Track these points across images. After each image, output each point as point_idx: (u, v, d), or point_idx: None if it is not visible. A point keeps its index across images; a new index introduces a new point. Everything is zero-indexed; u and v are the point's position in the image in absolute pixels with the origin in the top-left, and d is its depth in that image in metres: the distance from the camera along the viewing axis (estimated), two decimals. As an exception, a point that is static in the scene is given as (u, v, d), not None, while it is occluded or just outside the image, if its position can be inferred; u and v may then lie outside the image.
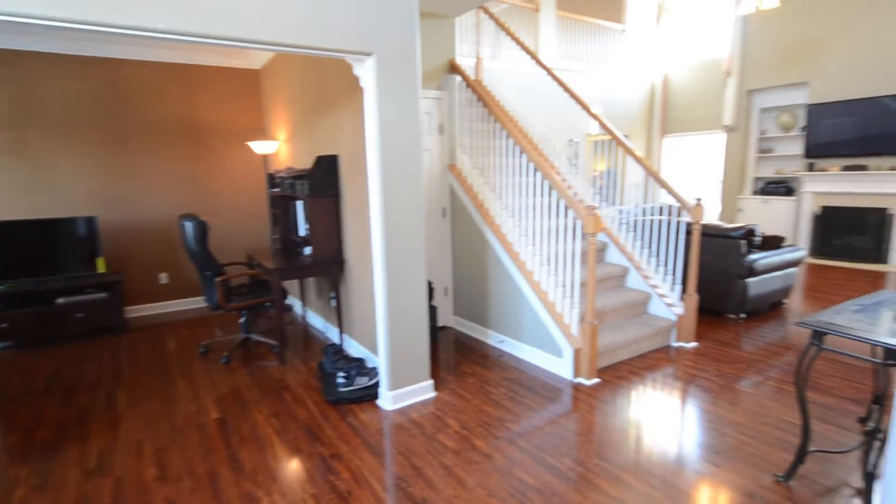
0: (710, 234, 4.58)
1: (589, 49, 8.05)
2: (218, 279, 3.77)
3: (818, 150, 7.18)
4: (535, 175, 3.63)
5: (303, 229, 4.29)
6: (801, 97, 7.47)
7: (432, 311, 4.18)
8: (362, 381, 3.28)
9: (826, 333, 2.02)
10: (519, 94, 6.64)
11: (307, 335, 4.55)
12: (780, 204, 7.78)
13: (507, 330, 3.95)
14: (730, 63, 8.08)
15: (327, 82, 3.84)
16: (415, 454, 2.55)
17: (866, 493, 2.08)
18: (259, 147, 5.16)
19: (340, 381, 3.29)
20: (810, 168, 7.35)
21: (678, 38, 8.95)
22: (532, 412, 2.97)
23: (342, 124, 3.65)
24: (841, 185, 7.01)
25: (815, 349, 2.08)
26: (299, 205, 4.36)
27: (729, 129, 8.28)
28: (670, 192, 3.95)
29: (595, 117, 4.51)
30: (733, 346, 3.96)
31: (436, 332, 4.28)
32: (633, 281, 4.24)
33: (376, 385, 3.25)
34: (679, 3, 8.80)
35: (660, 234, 4.44)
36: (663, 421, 2.83)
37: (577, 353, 3.35)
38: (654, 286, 4.10)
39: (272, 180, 4.75)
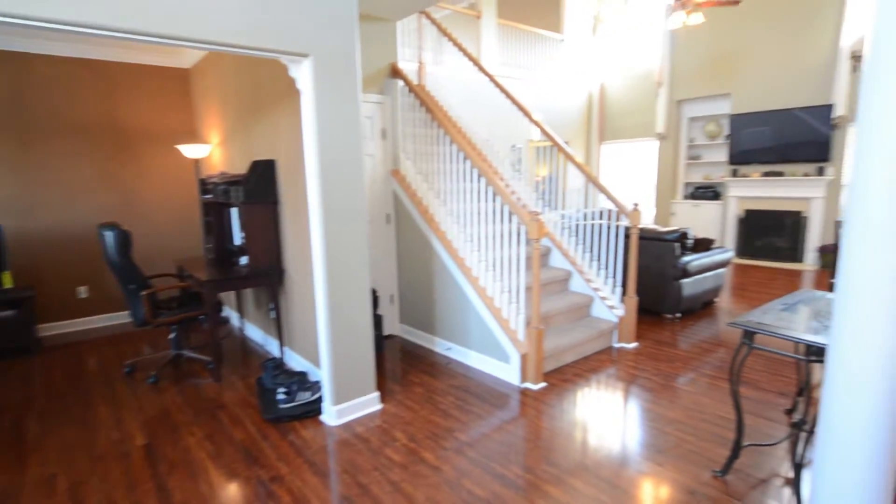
0: (646, 237, 4.76)
1: (530, 57, 8.22)
2: (144, 293, 3.50)
3: (741, 157, 7.67)
4: (479, 181, 3.63)
5: (238, 238, 4.07)
6: (725, 107, 7.97)
7: (377, 320, 4.08)
8: (304, 397, 3.13)
9: (756, 333, 2.11)
10: (462, 100, 6.66)
11: (245, 349, 4.32)
12: (709, 207, 8.25)
13: (455, 337, 3.91)
14: (661, 74, 8.50)
15: (263, 83, 3.67)
16: (361, 471, 2.45)
17: (795, 482, 2.19)
18: (189, 151, 4.87)
19: (281, 397, 3.12)
20: (734, 174, 7.84)
21: (613, 50, 9.33)
22: (480, 420, 2.93)
23: (279, 128, 3.50)
24: (761, 190, 7.53)
25: (747, 348, 2.17)
26: (234, 212, 4.13)
27: (661, 137, 8.70)
28: (609, 197, 4.06)
29: (536, 124, 4.58)
30: (670, 345, 4.12)
31: (381, 341, 4.18)
32: (577, 285, 4.32)
33: (319, 400, 3.11)
34: (613, 16, 9.17)
35: (600, 238, 4.57)
36: (608, 422, 2.88)
37: (523, 358, 3.35)
38: (597, 289, 4.20)
39: (204, 186, 4.48)
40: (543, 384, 3.40)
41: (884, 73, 1.35)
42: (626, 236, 4.56)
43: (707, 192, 8.32)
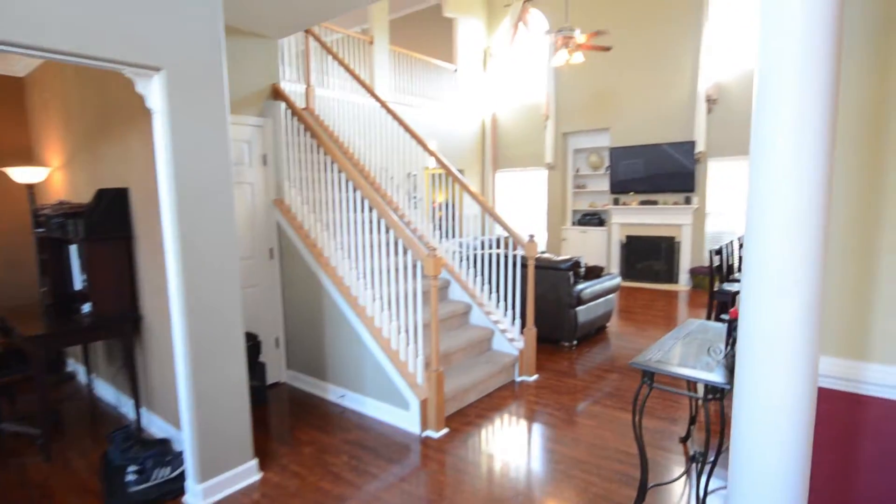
0: (542, 266, 4.79)
1: (424, 85, 8.22)
2: (-60, 356, 2.73)
3: (620, 186, 8.23)
4: (371, 211, 3.37)
5: (79, 281, 3.39)
6: (605, 141, 8.55)
7: (259, 369, 3.60)
8: (163, 474, 2.59)
9: (656, 373, 2.06)
10: (357, 127, 6.42)
11: (95, 413, 3.59)
12: (595, 233, 8.73)
13: (349, 383, 3.55)
14: (547, 108, 8.93)
15: (113, 98, 3.12)
16: (228, 569, 2.01)
17: (697, 521, 2.16)
18: (20, 174, 4.04)
19: (131, 477, 2.55)
20: (616, 202, 8.39)
21: (504, 82, 9.67)
22: (377, 481, 2.61)
23: (132, 152, 2.97)
24: (639, 217, 8.11)
25: (648, 388, 2.12)
26: (74, 250, 3.44)
27: (550, 167, 9.11)
28: (505, 228, 4.00)
29: (431, 153, 4.45)
30: (569, 374, 4.11)
31: (264, 392, 3.69)
32: (476, 318, 4.19)
33: (182, 476, 2.58)
34: (502, 51, 9.54)
35: (498, 268, 4.50)
36: (513, 470, 2.70)
37: (423, 403, 3.10)
38: (496, 322, 4.09)
39: (37, 218, 3.72)
40: (445, 430, 3.16)
41: (771, 136, 1.36)
42: (523, 265, 4.54)
43: (593, 218, 8.81)
